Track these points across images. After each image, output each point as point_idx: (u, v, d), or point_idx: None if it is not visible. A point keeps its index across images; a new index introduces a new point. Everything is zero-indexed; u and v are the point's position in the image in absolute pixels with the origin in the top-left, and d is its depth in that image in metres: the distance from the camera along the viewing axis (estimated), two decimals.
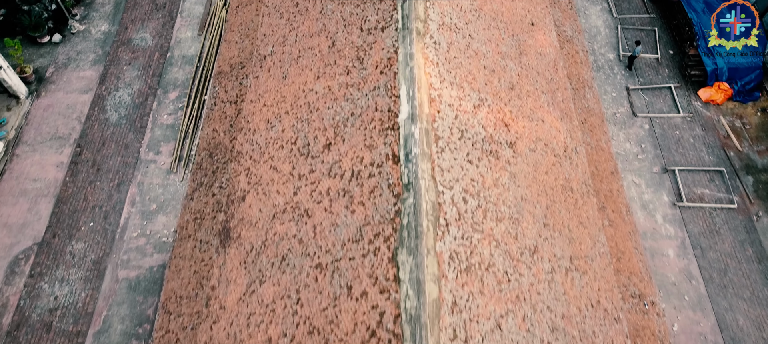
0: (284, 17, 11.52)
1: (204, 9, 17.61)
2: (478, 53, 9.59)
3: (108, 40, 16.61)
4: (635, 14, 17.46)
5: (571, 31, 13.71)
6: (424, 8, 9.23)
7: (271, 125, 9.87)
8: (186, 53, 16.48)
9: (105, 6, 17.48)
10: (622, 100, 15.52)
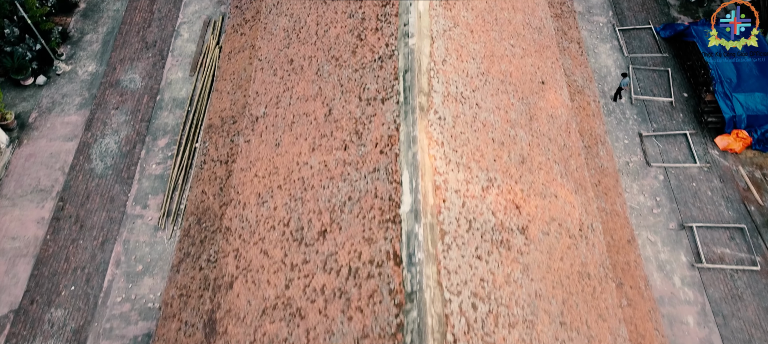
0: (278, 75, 10.92)
1: (196, 47, 17.03)
2: (486, 125, 8.97)
3: (95, 82, 16.01)
4: (647, 53, 16.87)
5: (582, 80, 13.11)
6: (428, 79, 8.62)
7: (263, 200, 9.23)
8: (177, 96, 15.87)
9: (93, 44, 16.91)
10: (635, 148, 14.89)
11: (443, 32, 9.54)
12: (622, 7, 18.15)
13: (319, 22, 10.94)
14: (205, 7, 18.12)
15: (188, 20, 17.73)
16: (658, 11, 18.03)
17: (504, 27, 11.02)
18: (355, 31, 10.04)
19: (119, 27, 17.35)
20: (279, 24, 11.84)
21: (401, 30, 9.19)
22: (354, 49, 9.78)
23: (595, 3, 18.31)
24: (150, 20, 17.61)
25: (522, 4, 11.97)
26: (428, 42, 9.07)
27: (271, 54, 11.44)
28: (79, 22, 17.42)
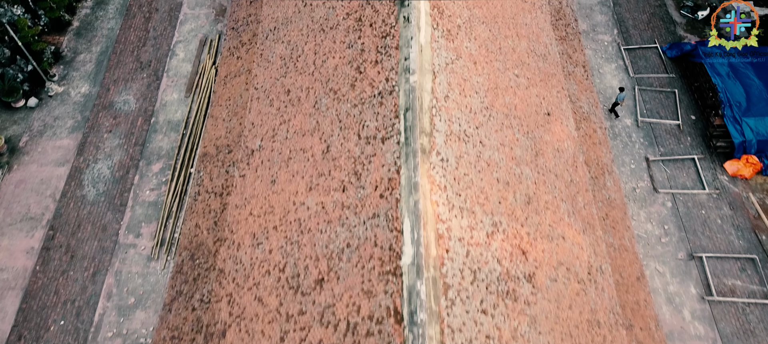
0: (274, 105, 10.60)
1: (192, 67, 16.72)
2: (490, 164, 8.64)
3: (88, 104, 15.70)
4: (653, 74, 16.57)
5: (587, 106, 12.80)
6: (430, 118, 8.30)
7: (258, 241, 8.89)
8: (172, 118, 15.55)
9: (86, 64, 16.60)
10: (642, 173, 14.56)
11: (446, 65, 9.23)
12: (628, 26, 17.86)
13: (316, 52, 10.63)
14: (201, 25, 17.83)
15: (184, 39, 17.44)
16: (664, 29, 17.73)
17: (508, 56, 10.71)
18: (354, 63, 9.73)
19: (113, 46, 17.05)
20: (276, 51, 11.54)
21: (402, 65, 8.88)
22: (353, 83, 9.47)
23: (600, 21, 18.02)
24: (145, 39, 17.32)
25: (526, 31, 11.67)
26: (430, 77, 8.76)
27: (268, 83, 11.13)
28: (73, 41, 17.12)
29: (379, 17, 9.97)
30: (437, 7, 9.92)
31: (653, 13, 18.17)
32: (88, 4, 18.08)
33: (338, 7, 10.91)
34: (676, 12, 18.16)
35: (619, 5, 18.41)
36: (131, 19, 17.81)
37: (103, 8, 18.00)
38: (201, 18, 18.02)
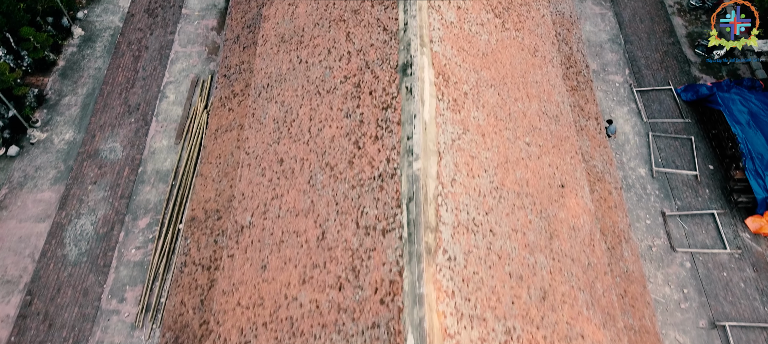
0: (266, 176, 9.91)
1: (183, 111, 16.07)
2: (501, 256, 7.94)
3: (72, 152, 15.02)
4: (668, 118, 15.91)
5: (601, 165, 12.11)
6: (436, 209, 7.60)
7: (246, 339, 8.17)
8: (160, 168, 14.88)
9: (71, 108, 15.94)
10: (658, 229, 13.86)
11: (452, 142, 8.55)
12: (640, 65, 17.23)
13: (312, 117, 9.96)
14: (193, 64, 17.21)
15: (175, 79, 16.80)
16: (678, 70, 17.10)
17: (518, 122, 10.04)
18: (352, 136, 9.05)
19: (100, 88, 16.41)
20: (269, 112, 10.87)
21: (404, 144, 8.20)
22: (351, 159, 8.79)
23: (611, 60, 17.39)
24: (133, 80, 16.68)
25: (537, 90, 11.01)
26: (435, 160, 8.08)
27: (260, 148, 10.45)
28: (57, 82, 16.48)
29: (379, 85, 9.31)
30: (442, 73, 9.26)
31: (666, 51, 17.55)
32: (75, 41, 17.46)
33: (336, 68, 10.26)
34: (691, 50, 17.54)
35: (631, 42, 17.80)
36: (120, 57, 17.18)
37: (90, 46, 17.38)
38: (193, 56, 17.40)
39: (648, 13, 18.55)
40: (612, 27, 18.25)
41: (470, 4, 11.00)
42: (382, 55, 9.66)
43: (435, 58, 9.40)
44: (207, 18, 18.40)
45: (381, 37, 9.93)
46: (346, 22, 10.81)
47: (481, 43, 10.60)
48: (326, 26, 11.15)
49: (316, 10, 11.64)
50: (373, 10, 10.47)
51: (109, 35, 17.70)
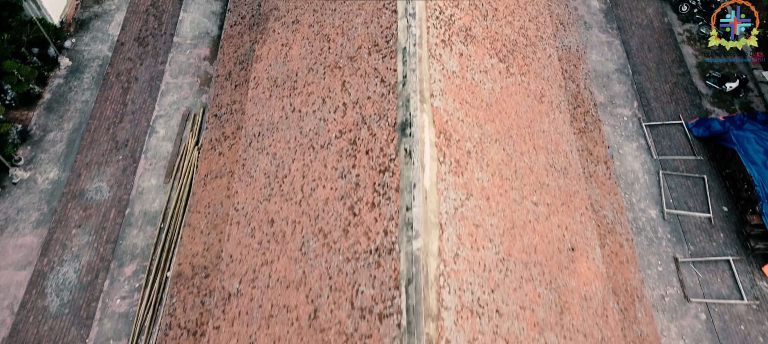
0: (256, 237, 9.35)
1: (173, 147, 15.53)
2: (509, 340, 7.37)
3: (56, 192, 14.47)
4: (679, 155, 15.36)
5: (612, 214, 11.56)
6: (437, 291, 7.04)
7: None
8: (149, 209, 14.32)
9: (56, 144, 15.41)
10: (671, 277, 13.30)
11: (455, 211, 8.00)
12: (649, 97, 16.71)
13: (305, 174, 9.42)
14: (184, 96, 16.69)
15: (165, 113, 16.27)
16: (689, 102, 16.59)
17: (525, 179, 9.50)
18: (347, 200, 8.51)
19: (87, 122, 15.87)
20: (259, 164, 10.33)
21: (403, 216, 7.65)
22: (346, 227, 8.24)
23: (619, 92, 16.87)
24: (122, 114, 16.15)
25: (544, 141, 10.48)
26: (437, 234, 7.53)
27: (249, 205, 9.90)
28: (43, 116, 15.95)
29: (376, 144, 8.77)
30: (444, 132, 8.73)
31: (676, 82, 17.04)
32: (62, 72, 16.95)
33: (330, 120, 9.73)
34: (702, 82, 17.03)
35: (639, 73, 17.29)
36: (108, 89, 16.66)
37: (78, 77, 16.87)
38: (184, 88, 16.88)
39: (656, 42, 18.06)
40: (619, 56, 17.75)
41: (473, 49, 10.49)
42: (380, 110, 9.13)
43: (436, 114, 8.87)
44: (199, 46, 17.91)
45: (378, 89, 9.41)
46: (341, 69, 10.30)
47: (485, 93, 10.08)
48: (321, 72, 10.64)
49: (311, 54, 11.13)
50: (370, 58, 9.96)
51: (98, 65, 17.19)
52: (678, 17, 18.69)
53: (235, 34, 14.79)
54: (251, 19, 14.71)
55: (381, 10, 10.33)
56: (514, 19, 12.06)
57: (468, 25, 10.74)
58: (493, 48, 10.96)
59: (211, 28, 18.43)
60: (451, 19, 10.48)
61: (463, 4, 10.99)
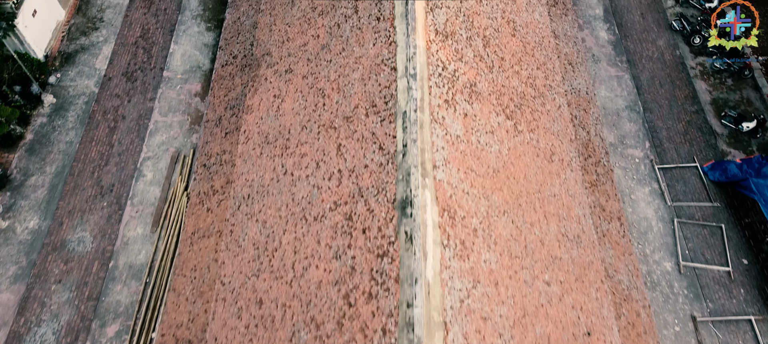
0: (243, 320, 8.67)
1: (161, 193, 14.87)
2: None
3: (36, 243, 13.80)
4: (694, 202, 14.69)
5: (627, 278, 10.87)
6: None
7: None
8: (134, 261, 13.64)
9: (38, 189, 14.75)
10: (689, 338, 12.59)
11: (461, 305, 7.32)
12: (661, 137, 16.06)
13: (297, 250, 8.75)
14: (173, 136, 16.04)
15: (153, 155, 15.62)
16: (704, 143, 15.93)
17: (536, 254, 8.82)
18: (342, 287, 7.83)
19: (71, 165, 15.22)
20: (248, 233, 9.66)
21: (403, 314, 6.97)
22: (340, 320, 7.55)
23: (629, 131, 16.22)
24: (108, 156, 15.50)
25: (555, 206, 9.81)
26: (441, 337, 6.85)
27: (237, 280, 9.22)
28: (24, 159, 15.30)
29: (374, 221, 8.11)
30: (448, 209, 8.06)
31: (690, 121, 16.40)
32: (46, 111, 16.32)
33: (324, 188, 9.07)
34: (716, 120, 16.39)
35: (651, 111, 16.66)
36: (94, 129, 16.02)
37: (62, 115, 16.24)
38: (174, 127, 16.24)
39: (668, 76, 17.44)
40: (629, 92, 17.12)
41: (479, 107, 9.84)
42: (378, 182, 8.47)
43: (439, 189, 8.21)
44: (190, 81, 17.29)
45: (376, 158, 8.76)
46: (337, 130, 9.65)
47: (492, 157, 9.42)
48: (315, 132, 9.99)
49: (304, 109, 10.49)
50: (367, 120, 9.31)
51: (84, 102, 16.57)
52: (690, 50, 18.07)
53: (226, 75, 14.17)
54: (243, 60, 14.09)
55: (379, 67, 9.70)
56: (522, 68, 11.43)
57: (473, 80, 10.10)
58: (499, 104, 10.31)
59: (203, 61, 17.82)
60: (454, 75, 9.85)
61: (468, 57, 10.36)
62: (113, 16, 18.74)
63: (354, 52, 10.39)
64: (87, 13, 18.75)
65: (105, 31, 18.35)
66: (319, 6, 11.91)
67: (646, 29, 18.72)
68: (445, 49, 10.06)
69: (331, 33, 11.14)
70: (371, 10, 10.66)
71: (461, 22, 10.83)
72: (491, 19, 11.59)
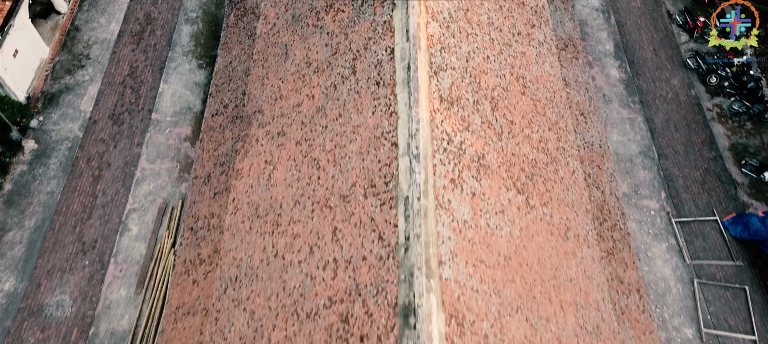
0: None
1: (147, 250, 14.10)
2: None
3: (11, 308, 13.01)
4: (715, 260, 13.93)
5: None
6: None
7: None
8: (116, 328, 12.86)
9: (15, 246, 13.98)
10: None
11: None
12: (678, 187, 15.31)
13: None
14: (161, 185, 15.30)
15: (139, 206, 14.87)
16: (723, 193, 15.18)
17: None
18: None
19: (52, 219, 14.46)
20: (235, 324, 8.88)
21: None
22: None
23: (644, 180, 15.48)
24: (91, 208, 14.74)
25: (572, 293, 9.04)
26: None
27: None
28: (1, 212, 14.54)
29: (373, 328, 7.34)
30: (456, 314, 7.30)
31: (707, 168, 15.66)
32: (26, 158, 15.58)
33: (319, 280, 8.30)
34: (736, 168, 15.65)
35: (666, 157, 15.92)
36: (77, 178, 15.27)
37: (43, 163, 15.50)
38: (162, 175, 15.50)
39: (683, 119, 16.72)
40: (643, 136, 16.39)
41: (487, 183, 9.10)
42: (377, 279, 7.70)
43: (445, 290, 7.44)
44: (180, 125, 16.56)
45: (376, 249, 7.99)
46: (332, 210, 8.89)
47: (502, 242, 8.66)
48: (309, 209, 9.23)
49: (298, 182, 9.74)
50: (365, 202, 8.56)
51: (67, 148, 15.83)
52: (706, 90, 17.37)
53: (217, 126, 13.45)
54: (234, 111, 13.37)
55: (379, 140, 8.97)
56: (533, 131, 10.70)
57: (481, 152, 9.36)
58: (510, 176, 9.57)
59: (193, 102, 17.10)
60: (461, 147, 9.11)
61: (475, 124, 9.63)
62: (100, 53, 18.04)
63: (352, 120, 9.66)
64: (73, 50, 18.06)
65: (91, 69, 17.65)
66: (314, 61, 11.20)
67: (659, 67, 18.03)
68: (451, 117, 9.34)
69: (328, 95, 10.42)
70: (370, 73, 9.94)
71: (467, 84, 10.11)
72: (500, 78, 10.88)
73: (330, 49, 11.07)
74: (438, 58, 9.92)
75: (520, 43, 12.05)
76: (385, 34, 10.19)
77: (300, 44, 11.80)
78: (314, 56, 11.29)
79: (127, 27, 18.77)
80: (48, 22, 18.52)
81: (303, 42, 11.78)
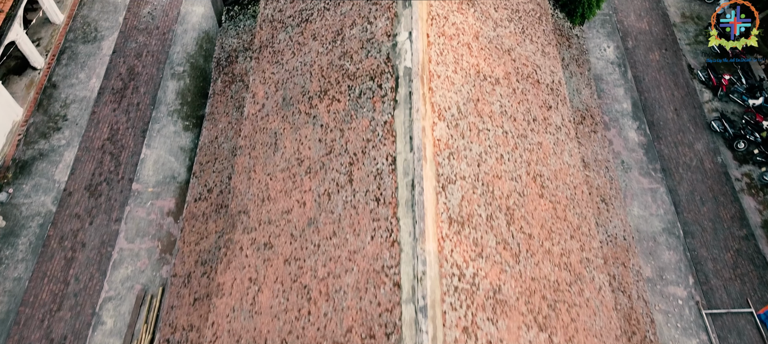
0: None
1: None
2: None
3: None
4: None
5: None
6: None
7: None
8: None
9: None
10: None
11: None
12: (707, 271, 14.15)
13: None
14: (141, 268, 14.15)
15: (115, 294, 13.71)
16: (758, 279, 14.02)
17: None
18: None
19: (17, 312, 13.29)
20: None
21: None
22: None
23: (669, 262, 14.32)
24: (62, 297, 13.58)
25: None
26: None
27: None
28: None
29: None
30: None
31: (739, 249, 14.50)
32: None
33: None
34: None
35: (692, 235, 14.78)
36: (47, 261, 14.12)
37: (11, 244, 14.35)
38: (141, 256, 14.34)
39: (710, 190, 15.59)
40: (666, 210, 15.25)
41: (505, 325, 7.94)
42: None
43: None
44: (163, 196, 15.44)
45: None
46: None
47: None
48: None
49: (285, 314, 8.58)
50: None
51: (38, 225, 14.69)
52: (733, 156, 16.27)
53: (200, 215, 12.31)
54: (219, 197, 12.26)
55: (379, 277, 7.83)
56: (554, 244, 9.56)
57: (496, 284, 8.22)
58: (530, 310, 8.41)
59: (178, 170, 15.99)
60: (473, 282, 7.97)
61: (489, 247, 8.50)
62: (78, 113, 16.97)
63: (347, 243, 8.53)
64: (49, 110, 16.98)
65: (68, 132, 16.56)
66: (306, 158, 10.09)
67: (682, 129, 16.94)
68: (462, 243, 8.21)
69: (321, 205, 9.29)
70: (369, 185, 8.82)
71: (480, 195, 8.99)
72: (515, 180, 9.77)
73: (324, 147, 9.96)
74: (446, 168, 8.81)
75: (537, 131, 10.96)
76: (385, 138, 9.09)
77: (291, 135, 10.70)
78: (306, 152, 10.19)
79: (109, 83, 17.71)
80: (22, 79, 17.46)
81: (294, 132, 10.69)
